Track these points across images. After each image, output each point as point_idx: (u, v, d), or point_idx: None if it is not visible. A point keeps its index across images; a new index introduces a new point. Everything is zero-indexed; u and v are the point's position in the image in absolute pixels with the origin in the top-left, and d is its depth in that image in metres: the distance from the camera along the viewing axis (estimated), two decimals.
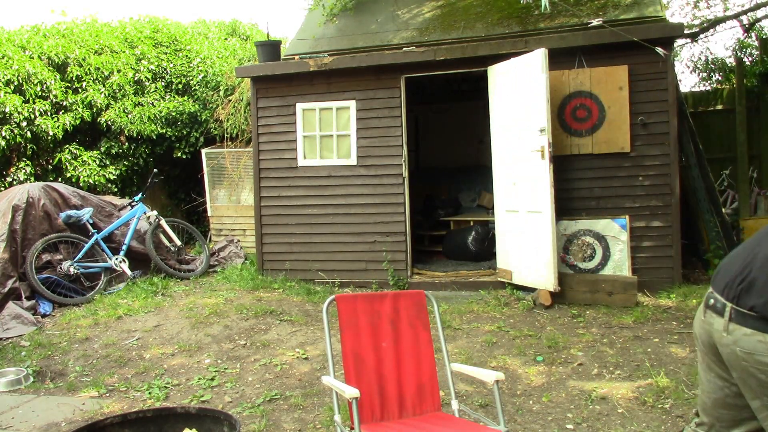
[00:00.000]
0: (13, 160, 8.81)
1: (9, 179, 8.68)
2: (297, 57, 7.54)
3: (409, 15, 7.96)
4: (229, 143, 9.40)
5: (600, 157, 6.49)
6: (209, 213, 9.53)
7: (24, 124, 8.57)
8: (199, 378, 4.71)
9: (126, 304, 6.48)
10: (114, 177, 9.41)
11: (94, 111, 9.36)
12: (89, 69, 9.41)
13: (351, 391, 2.69)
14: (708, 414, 2.40)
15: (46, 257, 6.75)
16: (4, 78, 8.53)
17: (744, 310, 2.11)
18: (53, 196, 7.04)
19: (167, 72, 10.13)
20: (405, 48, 7.12)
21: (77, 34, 9.86)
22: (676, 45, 7.44)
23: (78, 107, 9.18)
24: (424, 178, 9.80)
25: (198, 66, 10.24)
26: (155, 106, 9.69)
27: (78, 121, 9.18)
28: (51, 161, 9.17)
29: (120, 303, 6.51)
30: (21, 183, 8.31)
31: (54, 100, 9.01)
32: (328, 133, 7.33)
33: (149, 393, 4.48)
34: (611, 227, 6.40)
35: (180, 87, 10.10)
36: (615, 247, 6.37)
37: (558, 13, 6.98)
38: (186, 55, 10.41)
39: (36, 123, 8.68)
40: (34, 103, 8.74)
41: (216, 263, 8.25)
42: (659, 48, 6.15)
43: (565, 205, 6.49)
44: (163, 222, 7.75)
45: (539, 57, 6.05)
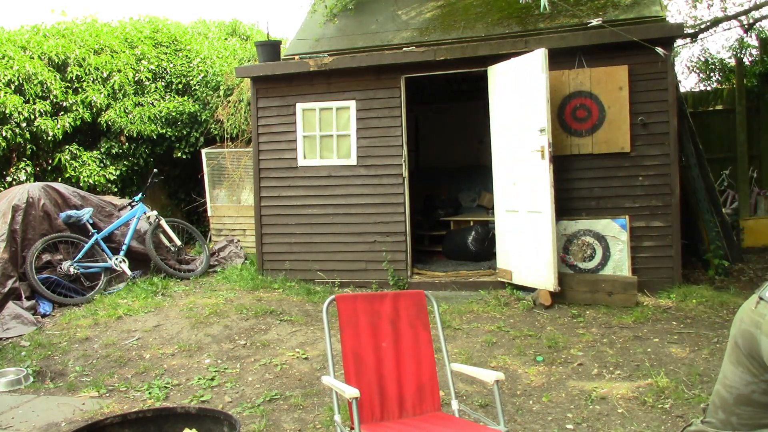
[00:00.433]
0: (13, 160, 8.81)
1: (9, 179, 8.68)
2: (297, 57, 7.54)
3: (409, 15, 7.97)
4: (229, 143, 9.40)
5: (600, 157, 6.49)
6: (209, 213, 9.53)
7: (24, 124, 8.57)
8: (199, 378, 4.71)
9: (126, 304, 6.48)
10: (114, 177, 9.41)
11: (94, 111, 9.36)
12: (89, 69, 9.41)
13: (351, 391, 2.69)
14: (726, 411, 2.36)
15: (46, 257, 6.75)
16: (4, 78, 8.53)
17: None
18: (53, 196, 7.04)
19: (167, 72, 10.13)
20: (405, 48, 7.12)
21: (77, 34, 9.85)
22: (676, 45, 7.43)
23: (78, 107, 9.18)
24: (424, 178, 9.80)
25: (198, 66, 10.23)
26: (155, 106, 9.69)
27: (78, 122, 9.18)
28: (51, 161, 9.17)
29: (120, 303, 6.51)
30: (21, 183, 8.31)
31: (54, 100, 9.01)
32: (328, 133, 7.33)
33: (149, 393, 4.48)
34: (611, 227, 6.40)
35: (180, 87, 10.10)
36: (615, 247, 6.37)
37: (558, 13, 6.98)
38: (186, 55, 10.41)
39: (36, 123, 8.68)
40: (34, 104, 8.74)
41: (216, 263, 8.26)
42: (659, 48, 6.15)
43: (565, 205, 6.49)
44: (163, 222, 7.75)
45: (539, 57, 6.05)
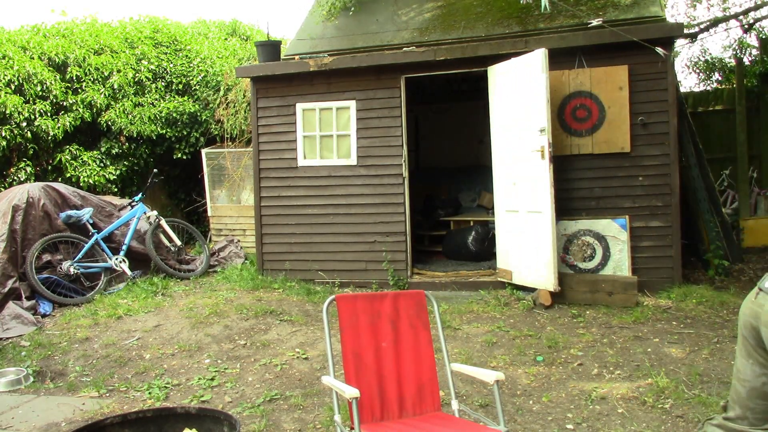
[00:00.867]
0: (14, 160, 8.80)
1: (9, 179, 8.67)
2: (297, 57, 7.54)
3: (409, 15, 7.96)
4: (230, 143, 9.40)
5: (600, 157, 6.49)
6: (209, 213, 9.53)
7: (24, 124, 8.57)
8: (199, 378, 4.71)
9: (126, 304, 6.47)
10: (114, 177, 9.40)
11: (94, 111, 9.36)
12: (89, 69, 9.41)
13: (351, 391, 2.69)
14: (741, 405, 2.41)
15: (46, 257, 6.75)
16: (4, 78, 8.53)
17: None
18: (53, 196, 7.04)
19: (167, 72, 10.13)
20: (405, 48, 7.12)
21: (77, 34, 9.85)
22: (676, 45, 7.43)
23: (78, 107, 9.18)
24: (424, 178, 9.80)
25: (198, 66, 10.23)
26: (155, 106, 9.68)
27: (78, 122, 9.17)
28: (51, 161, 9.17)
29: (120, 303, 6.51)
30: (21, 183, 8.31)
31: (54, 100, 9.00)
32: (328, 133, 7.33)
33: (149, 393, 4.48)
34: (611, 227, 6.40)
35: (180, 87, 10.09)
36: (615, 247, 6.37)
37: (558, 13, 6.98)
38: (186, 55, 10.41)
39: (36, 123, 8.68)
40: (34, 104, 8.73)
41: (216, 263, 8.25)
42: (659, 48, 6.15)
43: (565, 205, 6.49)
44: (163, 222, 7.75)
45: (539, 57, 6.05)
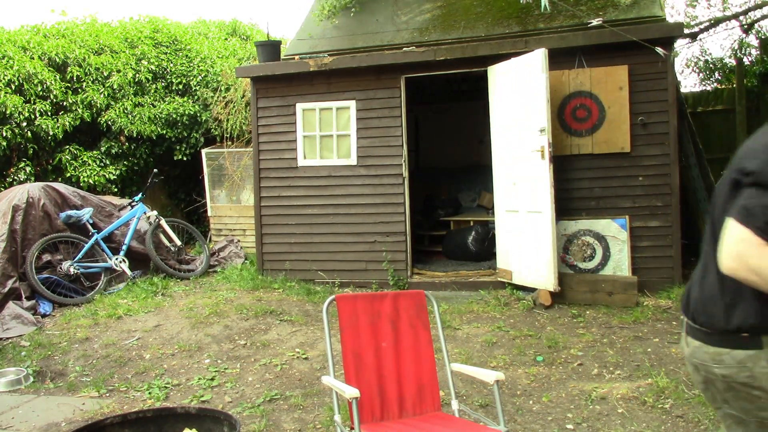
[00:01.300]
0: (14, 160, 8.80)
1: (9, 179, 8.67)
2: (297, 57, 7.54)
3: (409, 15, 7.96)
4: (230, 143, 9.39)
5: (600, 157, 6.49)
6: (209, 213, 9.53)
7: (24, 124, 8.56)
8: (199, 378, 4.71)
9: (126, 304, 6.47)
10: (114, 177, 9.40)
11: (94, 111, 9.36)
12: (89, 69, 9.41)
13: (351, 391, 2.69)
14: None
15: (46, 257, 6.75)
16: (4, 78, 8.53)
17: (694, 324, 2.00)
18: (53, 196, 7.04)
19: (167, 72, 10.13)
20: (405, 48, 7.12)
21: (77, 34, 9.84)
22: (676, 45, 7.43)
23: (78, 107, 9.18)
24: (424, 178, 9.80)
25: (198, 66, 10.23)
26: (155, 106, 9.68)
27: (78, 122, 9.17)
28: (51, 161, 9.17)
29: (120, 303, 6.51)
30: (21, 183, 8.30)
31: (54, 100, 9.00)
32: (328, 133, 7.33)
33: (149, 393, 4.48)
34: (611, 227, 6.40)
35: (180, 87, 10.09)
36: (615, 247, 6.37)
37: (558, 13, 6.98)
38: (186, 55, 10.41)
39: (36, 123, 8.67)
40: (34, 104, 8.73)
41: (216, 263, 8.25)
42: (659, 48, 6.15)
43: (565, 205, 6.49)
44: (163, 222, 7.75)
45: (539, 57, 6.05)
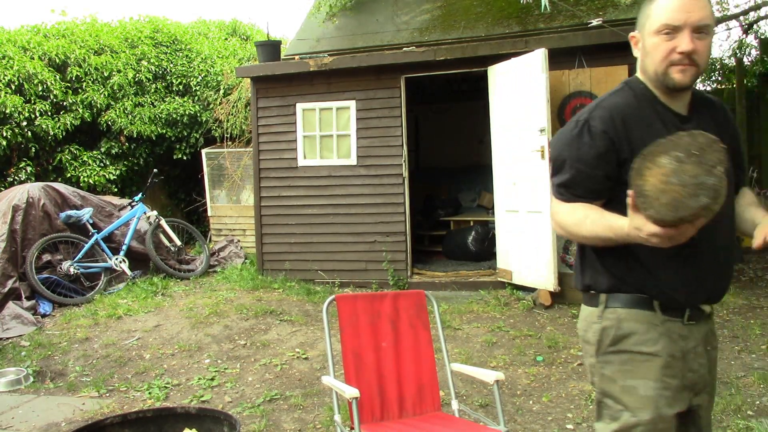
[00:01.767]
0: (14, 160, 8.80)
1: (9, 179, 8.67)
2: (297, 57, 7.54)
3: (409, 15, 7.96)
4: (230, 143, 9.39)
5: None
6: (209, 213, 9.53)
7: (24, 124, 8.56)
8: (199, 378, 4.71)
9: (126, 304, 6.47)
10: (114, 177, 9.40)
11: (94, 111, 9.36)
12: (89, 69, 9.41)
13: (351, 391, 2.69)
14: None
15: (46, 257, 6.74)
16: (4, 78, 8.53)
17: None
18: (53, 196, 7.04)
19: (168, 72, 10.13)
20: (405, 48, 7.12)
21: (77, 34, 9.84)
22: None
23: (78, 107, 9.18)
24: (424, 178, 9.79)
25: (198, 66, 10.23)
26: (155, 106, 9.68)
27: (78, 122, 9.17)
28: (51, 161, 9.17)
29: (120, 303, 6.51)
30: (21, 183, 8.30)
31: (54, 100, 9.00)
32: (328, 133, 7.33)
33: (149, 393, 4.48)
34: None
35: (180, 87, 10.09)
36: None
37: (558, 13, 6.98)
38: (186, 55, 10.41)
39: (36, 123, 8.67)
40: (34, 104, 8.73)
41: (216, 263, 8.25)
42: None
43: None
44: (163, 222, 7.74)
45: (539, 57, 6.05)
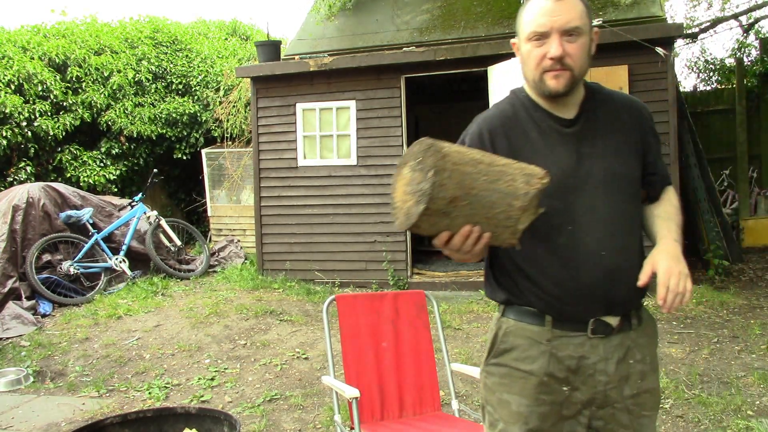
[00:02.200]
0: (14, 160, 8.80)
1: (9, 179, 8.67)
2: (297, 57, 7.54)
3: (409, 15, 7.96)
4: (230, 143, 9.39)
5: None
6: (209, 213, 9.53)
7: (24, 124, 8.56)
8: (199, 378, 4.71)
9: (126, 304, 6.47)
10: (114, 177, 9.40)
11: (94, 111, 9.35)
12: (89, 69, 9.40)
13: (351, 391, 2.69)
14: None
15: (46, 257, 6.74)
16: (4, 79, 8.52)
17: None
18: (53, 196, 7.04)
19: (168, 72, 10.13)
20: (405, 48, 7.12)
21: (77, 34, 9.84)
22: (676, 45, 7.44)
23: (78, 108, 9.17)
24: None
25: (198, 66, 10.23)
26: (155, 106, 9.68)
27: (78, 122, 9.16)
28: (51, 161, 9.17)
29: (120, 303, 6.51)
30: (21, 183, 8.30)
31: (54, 100, 9.00)
32: (328, 133, 7.33)
33: (149, 393, 4.48)
34: None
35: (180, 87, 10.09)
36: None
37: None
38: (186, 56, 10.41)
39: (36, 123, 8.67)
40: (34, 104, 8.73)
41: (216, 263, 8.25)
42: (659, 48, 6.14)
43: None
44: (163, 222, 7.74)
45: None
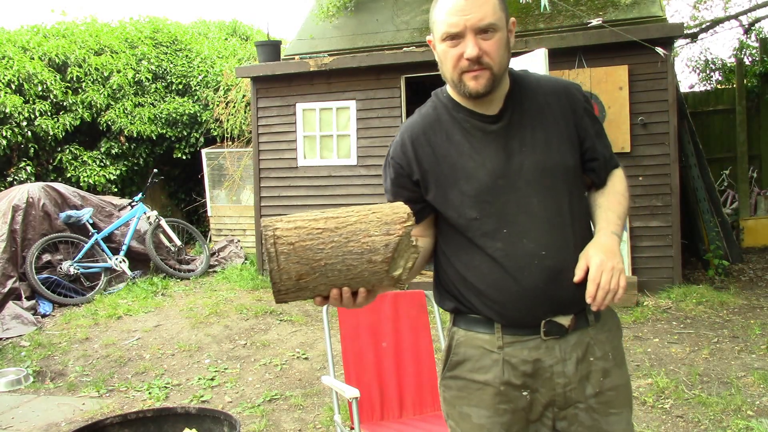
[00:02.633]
0: (14, 160, 8.80)
1: (9, 179, 8.67)
2: (297, 57, 7.54)
3: (409, 15, 7.96)
4: (230, 143, 9.39)
5: None
6: (209, 213, 9.53)
7: (24, 124, 8.56)
8: (199, 378, 4.71)
9: (126, 304, 6.48)
10: (114, 177, 9.39)
11: (94, 111, 9.35)
12: (89, 69, 9.40)
13: (351, 391, 2.69)
14: None
15: (46, 257, 6.74)
16: (4, 79, 8.52)
17: None
18: (53, 196, 7.04)
19: (167, 72, 10.13)
20: (405, 48, 7.12)
21: (77, 34, 9.83)
22: (676, 45, 7.44)
23: (78, 108, 9.17)
24: None
25: (198, 66, 10.23)
26: (155, 106, 9.68)
27: (78, 122, 9.16)
28: (51, 161, 9.17)
29: (120, 303, 6.52)
30: (21, 183, 8.30)
31: (54, 100, 9.00)
32: (328, 133, 7.33)
33: (149, 393, 4.48)
34: None
35: (180, 87, 10.09)
36: None
37: (558, 13, 6.98)
38: (186, 56, 10.40)
39: (36, 123, 8.67)
40: (34, 104, 8.73)
41: (216, 263, 8.25)
42: (659, 48, 6.14)
43: None
44: (163, 222, 7.74)
45: (539, 57, 6.04)
